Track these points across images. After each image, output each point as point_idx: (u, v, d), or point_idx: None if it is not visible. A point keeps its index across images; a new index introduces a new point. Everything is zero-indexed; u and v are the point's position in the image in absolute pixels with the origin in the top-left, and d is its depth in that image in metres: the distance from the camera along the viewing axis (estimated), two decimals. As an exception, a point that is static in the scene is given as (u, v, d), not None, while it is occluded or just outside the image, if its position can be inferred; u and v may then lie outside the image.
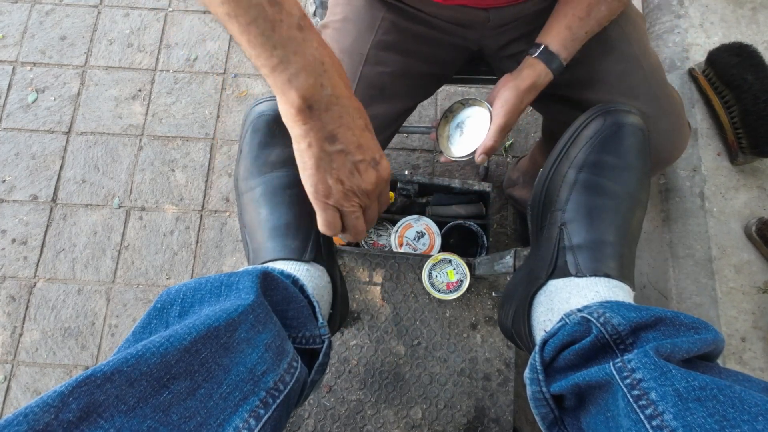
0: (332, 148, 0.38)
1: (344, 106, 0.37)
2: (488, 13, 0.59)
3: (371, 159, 0.40)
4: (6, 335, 1.18)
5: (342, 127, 0.37)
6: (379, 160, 0.41)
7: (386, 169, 0.42)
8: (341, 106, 0.37)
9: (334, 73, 0.36)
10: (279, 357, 0.35)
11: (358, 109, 0.39)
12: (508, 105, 0.57)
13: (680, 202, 0.77)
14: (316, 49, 0.35)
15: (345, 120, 0.37)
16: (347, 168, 0.39)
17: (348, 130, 0.38)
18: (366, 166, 0.40)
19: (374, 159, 0.40)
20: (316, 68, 0.35)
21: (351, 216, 0.42)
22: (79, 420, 0.25)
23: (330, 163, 0.38)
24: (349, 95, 0.38)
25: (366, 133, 0.40)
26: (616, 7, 0.54)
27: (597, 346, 0.34)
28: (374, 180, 0.40)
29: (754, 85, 0.71)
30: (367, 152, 0.39)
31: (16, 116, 1.35)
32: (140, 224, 1.27)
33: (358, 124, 0.39)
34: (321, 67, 0.35)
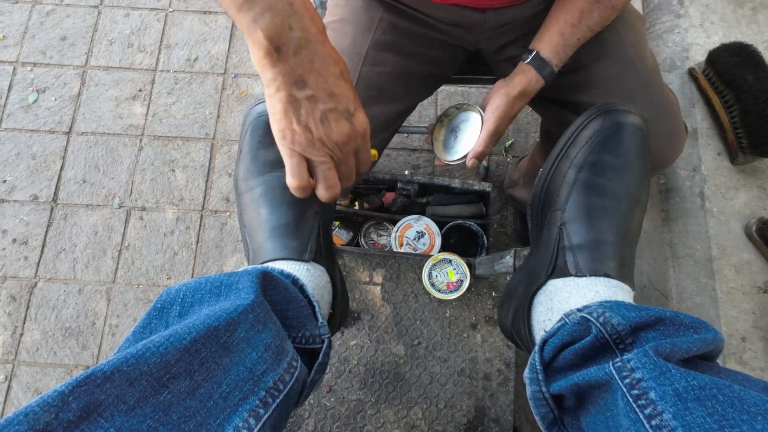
0: (301, 93, 0.36)
1: (316, 50, 0.35)
2: (485, 14, 0.59)
3: (345, 109, 0.38)
4: (7, 335, 1.19)
5: (313, 72, 0.36)
6: (353, 111, 0.39)
7: (362, 122, 0.39)
8: (312, 50, 0.35)
9: (305, 15, 0.35)
10: (279, 357, 0.35)
11: (332, 56, 0.37)
12: (498, 111, 0.58)
13: (680, 201, 0.77)
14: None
15: (316, 65, 0.36)
16: (317, 116, 0.37)
17: (319, 77, 0.36)
18: (338, 116, 0.38)
19: (347, 110, 0.38)
20: (283, 9, 0.34)
21: (321, 166, 0.39)
22: (80, 419, 0.25)
23: (298, 109, 0.36)
24: (323, 40, 0.36)
25: (340, 81, 0.37)
26: (609, 14, 0.55)
27: (597, 346, 0.34)
28: (346, 131, 0.38)
29: (754, 84, 0.71)
30: (340, 101, 0.37)
31: (17, 116, 1.35)
32: (141, 224, 1.27)
33: (332, 71, 0.37)
34: (290, 8, 0.34)
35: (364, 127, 0.40)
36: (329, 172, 0.40)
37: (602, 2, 0.53)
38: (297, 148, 0.38)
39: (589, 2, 0.53)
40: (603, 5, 0.53)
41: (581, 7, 0.53)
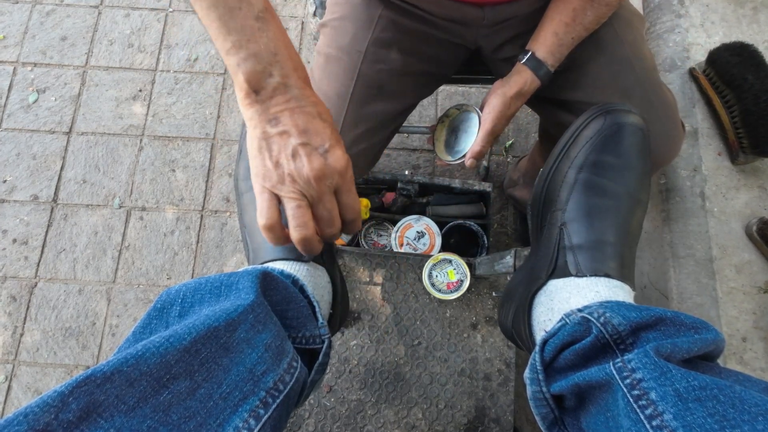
0: (273, 129, 0.37)
1: (293, 93, 0.37)
2: (483, 10, 0.59)
3: (319, 145, 0.37)
4: (7, 335, 1.19)
5: (287, 110, 0.37)
6: (329, 148, 0.37)
7: (339, 159, 0.37)
8: (289, 93, 0.37)
9: (288, 64, 0.37)
10: (279, 357, 0.35)
11: (310, 98, 0.38)
12: (495, 111, 0.59)
13: (681, 202, 0.77)
14: (271, 39, 0.36)
15: (292, 105, 0.37)
16: (288, 151, 0.36)
17: (293, 114, 0.37)
18: (310, 151, 0.37)
19: (323, 146, 0.37)
20: (266, 57, 0.36)
21: (289, 204, 0.37)
22: (79, 420, 0.25)
23: (271, 145, 0.37)
24: (302, 86, 0.37)
25: (316, 120, 0.37)
26: (604, 12, 0.55)
27: (597, 346, 0.34)
28: (318, 167, 0.36)
29: (754, 84, 0.71)
30: (314, 137, 0.37)
31: (17, 116, 1.35)
32: (141, 224, 1.27)
33: (308, 110, 0.37)
34: (273, 57, 0.36)
35: (342, 164, 0.38)
36: (298, 210, 0.37)
37: (596, 1, 0.53)
38: (267, 184, 0.37)
39: (582, 1, 0.53)
40: (597, 4, 0.53)
41: (575, 6, 0.53)
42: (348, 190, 0.39)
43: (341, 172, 0.38)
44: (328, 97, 0.64)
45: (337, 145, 0.38)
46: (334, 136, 0.38)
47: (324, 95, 0.65)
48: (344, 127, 0.64)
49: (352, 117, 0.63)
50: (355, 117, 0.64)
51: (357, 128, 0.64)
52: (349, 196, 0.39)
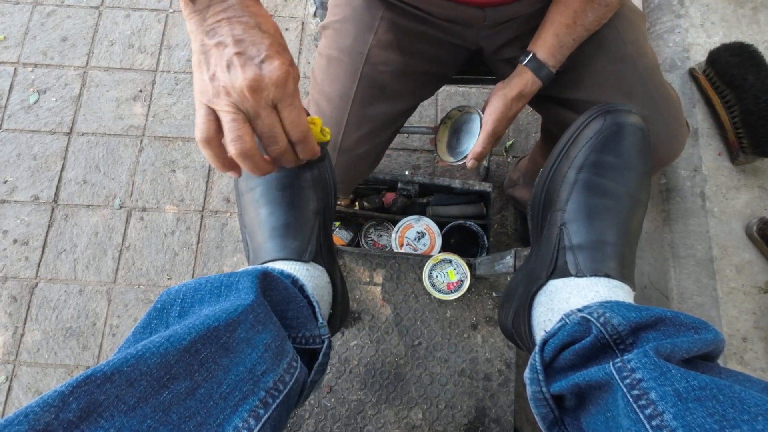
0: (210, 41, 0.35)
1: (231, 4, 0.35)
2: (484, 11, 0.59)
3: (255, 55, 0.35)
4: (8, 335, 1.19)
5: (225, 20, 0.35)
6: (265, 58, 0.35)
7: (275, 69, 0.35)
8: (227, 4, 0.35)
9: None
10: (279, 357, 0.35)
11: (252, 11, 0.36)
12: (496, 113, 0.60)
13: (681, 202, 0.77)
14: None
15: (229, 14, 0.35)
16: (223, 62, 0.35)
17: (231, 24, 0.35)
18: (245, 61, 0.35)
19: (259, 56, 0.35)
20: None
21: (224, 117, 0.35)
22: (80, 420, 0.25)
23: (208, 59, 0.35)
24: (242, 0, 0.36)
25: (254, 30, 0.35)
26: (604, 12, 0.55)
27: (597, 346, 0.34)
28: (252, 77, 0.34)
29: (754, 84, 0.71)
30: (251, 47, 0.35)
31: (18, 117, 1.35)
32: (141, 225, 1.27)
33: (246, 20, 0.35)
34: None
35: (278, 74, 0.35)
36: (232, 123, 0.35)
37: (596, 1, 0.53)
38: (203, 99, 0.36)
39: (582, 3, 0.53)
40: (597, 4, 0.53)
41: (575, 8, 0.54)
42: (289, 105, 0.36)
43: (277, 83, 0.35)
44: (331, 98, 0.64)
45: (275, 55, 0.35)
46: (274, 46, 0.36)
47: (326, 97, 0.65)
48: (347, 129, 0.64)
49: (356, 118, 0.63)
50: (358, 118, 0.64)
51: (360, 130, 0.64)
52: (291, 111, 0.36)
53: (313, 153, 0.40)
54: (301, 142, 0.38)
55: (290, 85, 0.36)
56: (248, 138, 0.36)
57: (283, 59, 0.36)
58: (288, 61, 0.36)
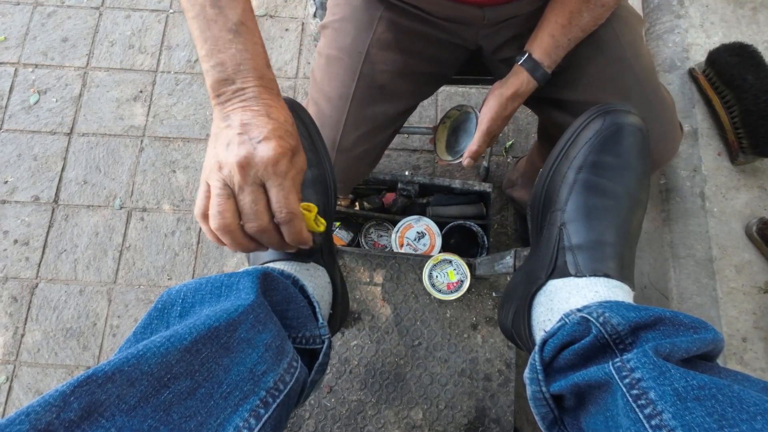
0: (223, 124, 0.38)
1: (248, 97, 0.38)
2: (483, 11, 0.59)
3: (255, 135, 0.36)
4: (8, 336, 1.19)
5: (237, 109, 0.38)
6: (263, 139, 0.36)
7: (269, 149, 0.36)
8: (245, 97, 0.38)
9: (251, 74, 0.39)
10: (279, 357, 0.35)
11: (265, 102, 0.39)
12: (491, 112, 0.60)
13: (681, 202, 0.77)
14: (239, 51, 0.39)
15: (243, 104, 0.38)
16: (226, 141, 0.37)
17: (241, 111, 0.38)
18: (242, 140, 0.36)
19: (258, 136, 0.36)
20: (231, 67, 0.38)
21: (213, 192, 0.36)
22: (81, 419, 0.25)
23: (218, 139, 0.38)
24: (260, 92, 0.39)
25: (261, 117, 0.37)
26: (600, 13, 0.55)
27: (596, 346, 0.34)
28: (244, 154, 0.35)
29: (754, 84, 0.71)
30: (252, 129, 0.37)
31: (18, 117, 1.36)
32: (141, 225, 1.27)
33: (256, 109, 0.38)
34: (237, 67, 0.38)
35: (270, 153, 0.35)
36: (217, 198, 0.36)
37: (591, 1, 0.53)
38: (203, 174, 0.38)
39: (578, 3, 0.54)
40: (593, 5, 0.53)
41: (571, 8, 0.54)
42: (278, 185, 0.36)
43: (267, 162, 0.36)
44: (330, 98, 0.64)
45: (274, 138, 0.36)
46: (277, 131, 0.37)
47: (326, 96, 0.65)
48: (346, 128, 0.64)
49: (354, 118, 0.64)
50: (356, 118, 0.64)
51: (359, 129, 0.64)
52: (278, 191, 0.36)
53: (300, 239, 0.39)
54: (286, 224, 0.38)
55: (282, 166, 0.36)
56: (228, 214, 0.36)
57: (281, 142, 0.37)
58: (288, 145, 0.38)
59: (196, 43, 0.39)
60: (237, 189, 0.36)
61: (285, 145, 0.37)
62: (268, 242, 0.39)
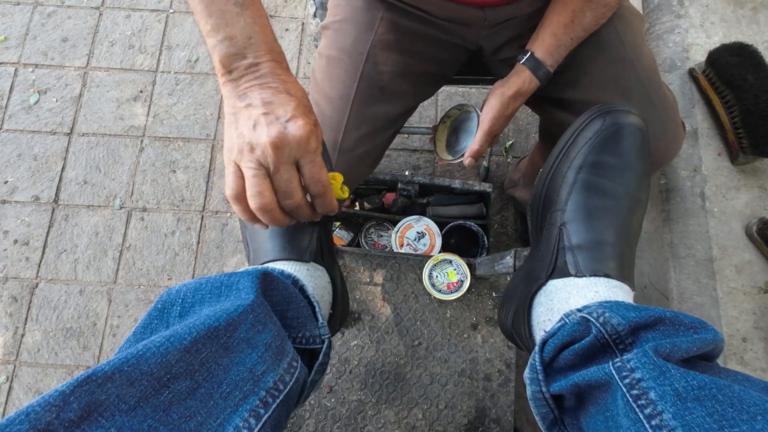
0: (241, 103, 0.38)
1: (263, 73, 0.38)
2: (484, 12, 0.59)
3: (282, 114, 0.37)
4: (8, 336, 1.19)
5: (255, 86, 0.38)
6: (290, 117, 0.37)
7: (300, 127, 0.36)
8: (260, 72, 0.38)
9: (262, 47, 0.38)
10: (279, 357, 0.35)
11: (281, 78, 0.38)
12: (493, 111, 0.60)
13: (681, 202, 0.77)
14: (248, 24, 0.37)
15: (260, 81, 0.38)
16: (250, 122, 0.37)
17: (259, 89, 0.38)
18: (270, 120, 0.37)
19: (285, 116, 0.37)
20: (241, 40, 0.37)
21: (247, 173, 0.37)
22: (80, 419, 0.25)
23: (238, 119, 0.38)
24: (274, 66, 0.38)
25: (282, 94, 0.38)
26: (603, 13, 0.55)
27: (596, 346, 0.34)
28: (275, 134, 0.36)
29: (754, 84, 0.71)
30: (277, 108, 0.37)
31: (18, 117, 1.36)
32: (141, 225, 1.27)
33: (275, 86, 0.38)
34: (247, 40, 0.38)
35: (302, 132, 0.36)
36: (253, 179, 0.37)
37: (594, 1, 0.53)
38: (232, 156, 0.38)
39: (580, 3, 0.54)
40: (595, 4, 0.53)
41: (573, 7, 0.54)
42: (311, 161, 0.38)
43: (300, 141, 0.37)
44: (331, 99, 0.64)
45: (300, 115, 0.37)
46: (300, 108, 0.38)
47: (326, 97, 0.65)
48: (347, 129, 0.64)
49: (355, 119, 0.64)
50: (357, 119, 0.64)
51: (360, 130, 0.64)
52: (312, 167, 0.38)
53: (331, 208, 0.41)
54: (320, 197, 0.40)
55: (312, 143, 0.37)
56: (268, 194, 0.37)
57: (308, 119, 0.37)
58: (312, 121, 0.38)
59: (200, 19, 0.38)
60: (273, 169, 0.37)
61: (311, 122, 0.38)
62: (301, 215, 0.40)
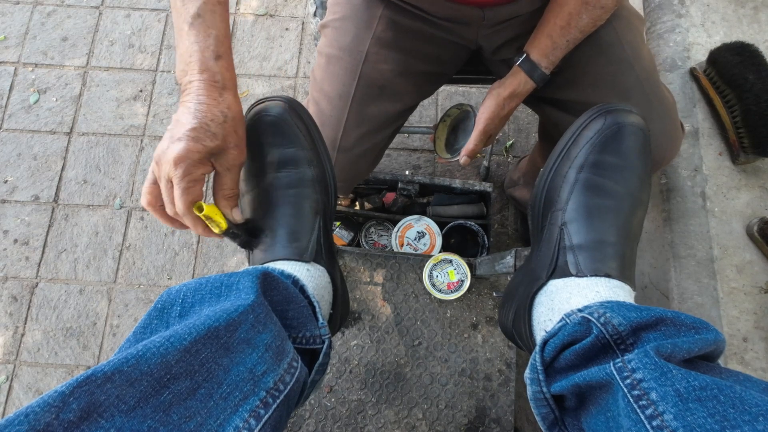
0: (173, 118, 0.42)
1: (190, 91, 0.41)
2: (483, 12, 0.59)
3: (175, 134, 0.40)
4: (8, 335, 1.19)
5: (182, 103, 0.42)
6: (177, 139, 0.40)
7: (174, 150, 0.39)
8: (188, 91, 0.42)
9: (195, 66, 0.41)
10: (279, 357, 0.35)
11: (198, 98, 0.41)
12: (488, 112, 0.61)
13: (682, 202, 0.77)
14: (193, 43, 0.41)
15: (185, 99, 0.42)
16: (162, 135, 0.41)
17: (182, 107, 0.41)
18: (167, 137, 0.41)
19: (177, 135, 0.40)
20: (185, 58, 0.42)
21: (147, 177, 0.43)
22: (80, 420, 0.25)
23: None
24: (200, 86, 0.41)
25: (188, 115, 0.40)
26: (599, 15, 0.55)
27: (597, 346, 0.34)
28: (159, 151, 0.40)
29: (755, 84, 0.71)
30: (176, 127, 0.40)
31: (18, 117, 1.35)
32: (141, 224, 1.27)
33: (189, 105, 0.41)
34: (189, 58, 0.41)
35: (171, 154, 0.39)
36: (146, 181, 0.42)
37: (590, 3, 0.53)
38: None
39: (577, 5, 0.53)
40: (592, 6, 0.53)
41: (570, 10, 0.54)
42: (176, 184, 0.40)
43: (169, 162, 0.39)
44: (330, 98, 0.64)
45: (185, 139, 0.39)
46: (194, 131, 0.40)
47: (326, 96, 0.65)
48: (347, 128, 0.64)
49: (355, 117, 0.63)
50: (357, 117, 0.64)
51: (359, 128, 0.64)
52: (176, 188, 0.40)
53: (198, 232, 0.44)
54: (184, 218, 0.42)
55: (181, 168, 0.39)
56: (150, 197, 0.42)
57: (192, 144, 0.39)
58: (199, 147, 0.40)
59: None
60: (157, 178, 0.42)
61: (192, 148, 0.39)
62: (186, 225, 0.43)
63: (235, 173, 0.44)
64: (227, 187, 0.44)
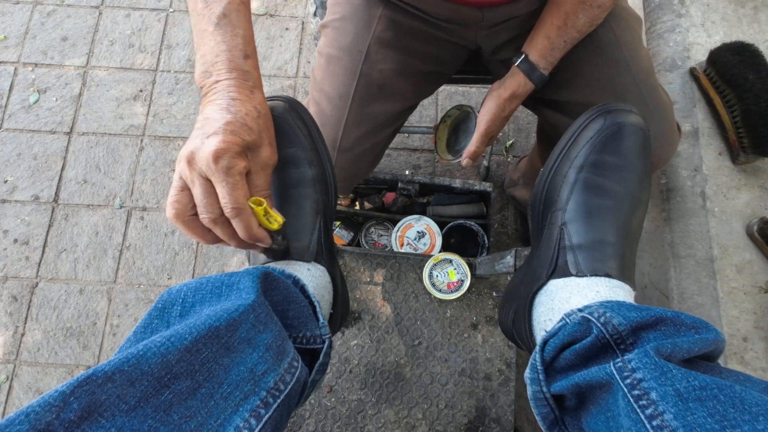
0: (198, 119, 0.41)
1: (218, 90, 0.40)
2: (482, 12, 0.59)
3: (208, 130, 0.37)
4: (8, 335, 1.19)
5: (208, 103, 0.40)
6: (211, 134, 0.37)
7: (210, 144, 0.36)
8: (216, 90, 0.40)
9: (223, 66, 0.40)
10: (279, 357, 0.35)
11: (229, 95, 0.40)
12: (489, 113, 0.61)
13: (681, 201, 0.77)
14: (217, 44, 0.41)
15: (212, 98, 0.40)
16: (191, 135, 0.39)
17: (210, 105, 0.40)
18: (197, 135, 0.38)
19: (210, 131, 0.37)
20: (209, 59, 0.41)
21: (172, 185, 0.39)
22: (81, 419, 0.25)
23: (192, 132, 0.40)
24: (229, 84, 0.40)
25: (220, 111, 0.38)
26: (597, 14, 0.55)
27: (597, 346, 0.34)
28: (191, 149, 0.37)
29: (755, 84, 0.71)
30: (208, 124, 0.38)
31: (18, 117, 1.35)
32: (141, 224, 1.27)
33: (219, 102, 0.39)
34: (215, 58, 0.40)
35: (209, 149, 0.36)
36: (172, 189, 0.38)
37: (587, 3, 0.53)
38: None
39: (574, 5, 0.54)
40: (588, 6, 0.53)
41: (566, 9, 0.54)
42: (220, 180, 0.36)
43: (207, 157, 0.36)
44: (330, 97, 0.64)
45: (219, 132, 0.37)
46: (228, 125, 0.38)
47: (326, 96, 0.65)
48: (347, 127, 0.64)
49: (355, 117, 0.64)
50: (357, 117, 0.64)
51: (359, 128, 0.64)
52: (221, 186, 0.37)
53: (250, 235, 0.39)
54: (234, 219, 0.38)
55: (223, 162, 0.36)
56: (178, 205, 0.38)
57: (229, 137, 0.37)
58: (236, 140, 0.37)
59: (193, 36, 0.42)
60: (188, 182, 0.37)
61: (231, 140, 0.37)
62: (223, 235, 0.39)
63: (268, 173, 0.41)
64: (261, 188, 0.40)
